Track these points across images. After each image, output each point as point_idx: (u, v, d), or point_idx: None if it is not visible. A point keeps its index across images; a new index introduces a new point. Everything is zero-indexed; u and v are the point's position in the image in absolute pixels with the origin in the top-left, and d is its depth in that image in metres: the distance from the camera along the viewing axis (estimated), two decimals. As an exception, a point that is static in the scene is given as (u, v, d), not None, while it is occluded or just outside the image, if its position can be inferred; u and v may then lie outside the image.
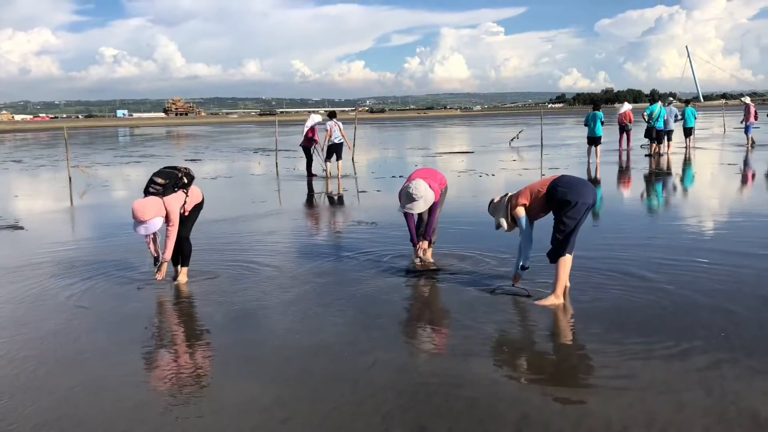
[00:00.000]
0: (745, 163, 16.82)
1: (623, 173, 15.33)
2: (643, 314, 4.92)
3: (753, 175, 14.21)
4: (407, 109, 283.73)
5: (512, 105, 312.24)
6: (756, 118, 21.36)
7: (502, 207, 5.54)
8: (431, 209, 6.45)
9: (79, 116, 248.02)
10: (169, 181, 5.90)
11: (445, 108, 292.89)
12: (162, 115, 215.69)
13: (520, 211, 5.42)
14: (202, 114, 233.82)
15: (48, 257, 7.47)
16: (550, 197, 5.30)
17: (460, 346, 4.42)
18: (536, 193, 5.40)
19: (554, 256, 5.29)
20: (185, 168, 6.15)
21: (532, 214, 5.47)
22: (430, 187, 6.28)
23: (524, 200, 5.43)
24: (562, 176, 5.45)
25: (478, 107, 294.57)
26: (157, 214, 5.75)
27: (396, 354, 4.41)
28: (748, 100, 22.35)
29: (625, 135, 20.57)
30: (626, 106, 20.78)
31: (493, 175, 15.45)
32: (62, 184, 15.97)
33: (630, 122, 20.19)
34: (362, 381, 3.90)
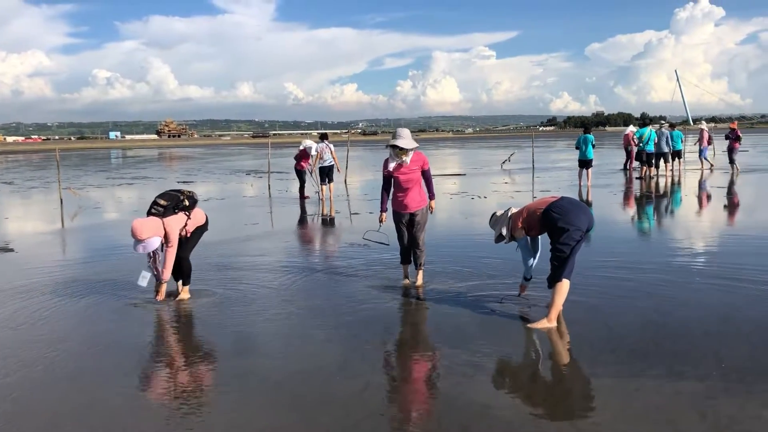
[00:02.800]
0: (701, 186, 17.04)
1: (615, 196, 15.38)
2: (636, 338, 4.92)
3: (730, 200, 14.31)
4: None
5: (504, 128, 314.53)
6: (710, 143, 21.96)
7: (504, 221, 5.73)
8: (417, 227, 6.58)
9: (72, 138, 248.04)
10: (171, 202, 6.14)
11: (437, 130, 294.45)
12: (155, 136, 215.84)
13: (520, 234, 5.63)
14: (195, 136, 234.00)
15: (38, 279, 7.41)
16: (545, 220, 5.35)
17: (452, 370, 4.39)
18: (533, 212, 5.51)
19: (551, 281, 5.31)
20: (189, 191, 6.41)
21: (531, 232, 5.60)
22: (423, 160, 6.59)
23: (522, 220, 5.58)
24: (561, 199, 5.47)
25: (470, 130, 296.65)
26: (155, 234, 5.96)
27: (388, 378, 4.39)
28: (704, 125, 22.96)
29: (630, 157, 21.35)
30: (630, 128, 21.62)
31: (485, 197, 15.50)
32: (54, 206, 15.90)
33: (637, 145, 20.38)
34: (354, 405, 3.87)
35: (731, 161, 20.60)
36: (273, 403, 3.96)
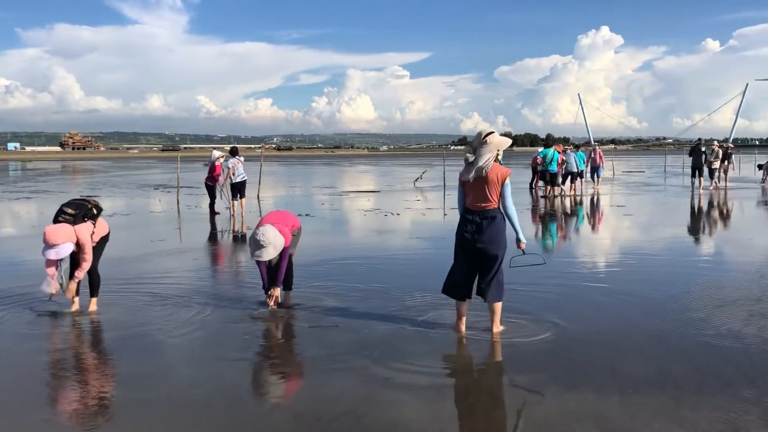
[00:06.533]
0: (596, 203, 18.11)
1: (520, 214, 15.88)
2: (536, 352, 5.07)
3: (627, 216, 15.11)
4: (315, 148, 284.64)
5: (417, 146, 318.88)
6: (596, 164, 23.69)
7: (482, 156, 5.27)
8: (281, 253, 6.25)
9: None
10: (80, 211, 6.19)
11: (352, 147, 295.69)
12: (58, 149, 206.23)
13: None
14: (101, 148, 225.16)
15: None
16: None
17: (360, 388, 4.38)
18: (470, 187, 5.30)
19: None
20: (94, 200, 6.53)
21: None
22: (281, 232, 6.11)
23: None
24: (488, 211, 5.26)
25: (385, 147, 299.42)
26: (68, 240, 5.98)
27: (295, 399, 4.34)
28: (597, 147, 24.85)
29: (537, 176, 22.13)
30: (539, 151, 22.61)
31: (398, 214, 15.66)
32: (-59, 220, 14.85)
33: (541, 165, 21.12)
34: (261, 429, 3.80)
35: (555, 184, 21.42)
36: (176, 427, 3.83)
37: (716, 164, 22.15)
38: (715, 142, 23.00)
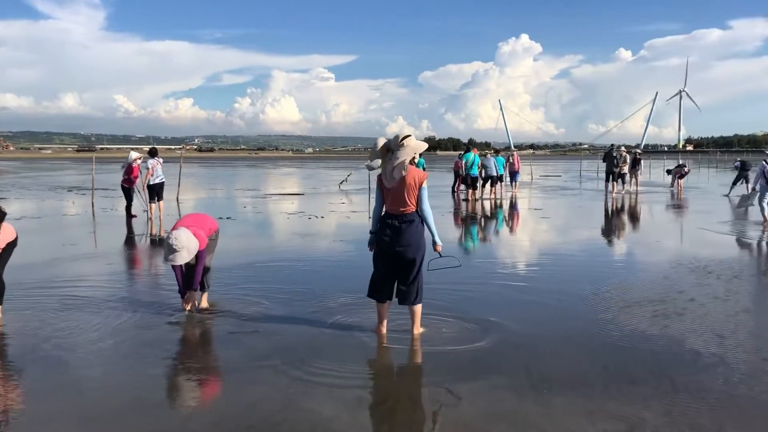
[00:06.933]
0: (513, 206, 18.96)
1: (442, 216, 16.14)
2: (455, 354, 5.15)
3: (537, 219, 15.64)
4: (238, 149, 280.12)
5: (343, 149, 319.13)
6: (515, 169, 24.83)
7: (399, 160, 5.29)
8: (197, 256, 6.14)
9: None
10: None
11: (276, 149, 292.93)
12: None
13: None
14: (11, 148, 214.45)
15: None
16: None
17: (279, 394, 4.34)
18: (389, 191, 5.32)
19: None
20: None
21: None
22: (195, 235, 6.01)
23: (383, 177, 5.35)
24: (407, 215, 5.33)
25: (310, 150, 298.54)
26: None
27: (212, 406, 4.26)
28: (515, 152, 26.20)
29: (459, 180, 22.63)
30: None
31: (322, 217, 15.61)
32: None
33: (462, 169, 21.55)
34: (176, 437, 3.71)
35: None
36: (85, 440, 3.70)
37: (625, 169, 23.13)
38: (623, 148, 24.01)
